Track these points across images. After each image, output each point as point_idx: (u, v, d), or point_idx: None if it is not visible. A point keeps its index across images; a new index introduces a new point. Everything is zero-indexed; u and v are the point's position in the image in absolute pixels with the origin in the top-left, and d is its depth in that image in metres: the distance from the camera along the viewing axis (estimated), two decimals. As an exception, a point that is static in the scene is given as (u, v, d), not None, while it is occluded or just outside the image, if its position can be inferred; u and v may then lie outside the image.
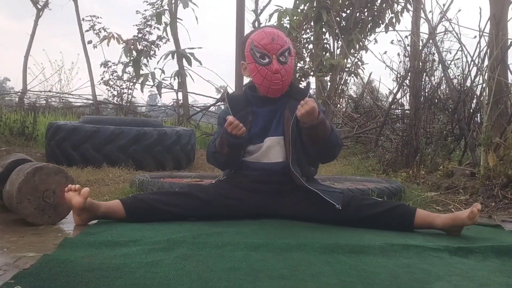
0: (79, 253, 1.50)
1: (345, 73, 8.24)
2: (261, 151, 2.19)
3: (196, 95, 9.02)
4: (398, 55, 4.85)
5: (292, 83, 2.29)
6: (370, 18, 8.05)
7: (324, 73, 7.64)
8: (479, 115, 4.12)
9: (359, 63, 8.30)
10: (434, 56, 4.56)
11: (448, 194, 3.08)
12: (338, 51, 8.02)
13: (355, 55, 8.24)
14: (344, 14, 8.10)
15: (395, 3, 7.98)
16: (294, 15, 7.43)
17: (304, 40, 8.32)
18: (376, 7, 8.03)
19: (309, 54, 8.29)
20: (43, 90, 10.93)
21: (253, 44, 2.17)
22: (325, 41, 8.05)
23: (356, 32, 7.80)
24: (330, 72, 7.72)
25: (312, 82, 8.06)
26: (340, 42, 7.85)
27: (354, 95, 9.54)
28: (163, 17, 8.11)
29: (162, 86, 8.22)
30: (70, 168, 4.04)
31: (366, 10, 8.08)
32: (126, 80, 8.83)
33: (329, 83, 7.96)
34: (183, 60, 8.13)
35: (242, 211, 2.15)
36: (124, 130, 4.33)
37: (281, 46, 2.15)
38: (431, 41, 4.53)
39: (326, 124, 2.06)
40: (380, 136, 5.42)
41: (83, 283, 1.22)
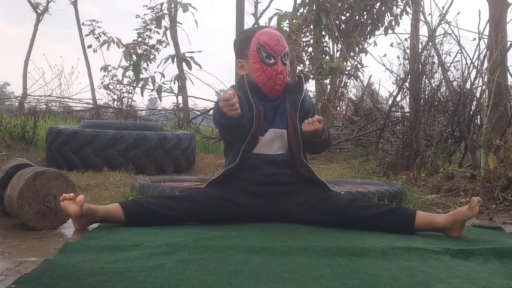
0: (80, 257, 1.50)
1: (345, 76, 8.25)
2: (264, 142, 2.20)
3: (196, 98, 9.04)
4: (398, 57, 4.86)
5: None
6: (369, 21, 8.07)
7: (324, 76, 7.66)
8: (479, 117, 4.12)
9: (359, 66, 8.32)
10: (433, 58, 4.56)
11: (449, 197, 3.08)
12: (337, 54, 8.04)
13: (355, 58, 8.25)
14: (343, 17, 8.12)
15: (394, 6, 8.00)
16: (293, 19, 7.45)
17: (304, 43, 8.34)
18: (375, 10, 8.05)
19: (308, 57, 8.31)
20: (43, 94, 10.94)
21: (259, 44, 2.19)
22: (324, 44, 8.06)
23: (356, 35, 7.81)
24: (330, 75, 7.74)
25: (311, 85, 8.09)
26: (339, 45, 7.87)
27: (354, 98, 9.55)
28: (163, 21, 8.12)
29: (162, 90, 8.21)
30: (71, 172, 4.04)
31: (365, 13, 8.10)
32: (126, 84, 8.83)
33: (329, 86, 7.97)
34: (183, 64, 8.13)
35: (243, 214, 2.16)
36: (124, 134, 4.32)
37: (284, 48, 2.24)
38: (431, 43, 4.54)
39: (325, 134, 2.22)
40: (380, 139, 5.41)
41: (85, 287, 1.22)
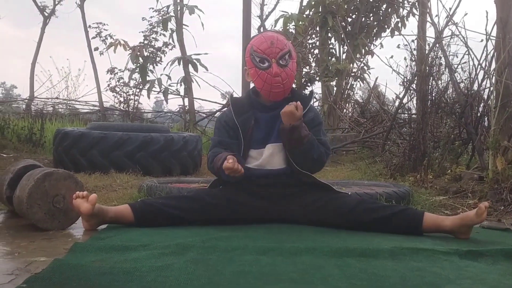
0: (90, 257, 1.51)
1: (351, 78, 8.25)
2: (264, 158, 2.20)
3: (202, 100, 9.03)
4: (405, 59, 4.83)
5: (294, 89, 2.30)
6: (375, 22, 8.06)
7: (330, 78, 7.65)
8: (486, 118, 4.10)
9: (365, 67, 8.31)
10: (440, 60, 4.55)
11: (457, 198, 3.06)
12: (344, 56, 8.04)
13: (361, 59, 8.24)
14: (349, 19, 8.11)
15: (401, 8, 7.98)
16: (299, 20, 7.46)
17: (310, 45, 8.34)
18: (381, 11, 8.04)
19: (315, 59, 8.31)
20: (50, 97, 11.00)
21: (252, 49, 2.19)
22: (331, 46, 8.07)
23: (362, 37, 7.81)
24: (336, 77, 7.74)
25: (318, 87, 8.10)
26: (346, 47, 7.86)
27: (360, 100, 9.53)
28: (169, 23, 8.15)
29: (169, 92, 8.23)
30: (78, 174, 4.05)
31: (371, 15, 8.09)
32: (132, 87, 8.86)
33: (335, 88, 7.97)
34: (189, 66, 8.16)
35: (250, 215, 2.16)
36: (131, 136, 4.34)
37: (280, 49, 2.17)
38: (438, 45, 4.52)
39: (301, 135, 2.08)
40: (387, 141, 5.40)
41: (95, 287, 1.23)
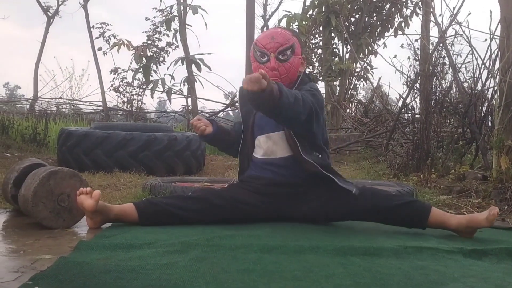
0: (95, 255, 1.51)
1: (354, 77, 8.25)
2: (266, 148, 2.22)
3: (206, 100, 9.04)
4: (408, 59, 4.82)
5: (300, 83, 2.23)
6: (379, 22, 8.06)
7: (333, 77, 7.66)
8: (490, 118, 4.09)
9: (368, 67, 8.31)
10: (444, 59, 4.54)
11: (460, 198, 3.06)
12: (347, 56, 8.04)
13: (364, 59, 8.24)
14: (353, 19, 8.12)
15: (404, 7, 7.98)
16: (303, 20, 7.47)
17: (313, 45, 8.34)
18: (385, 11, 8.04)
19: (318, 59, 8.31)
20: (54, 97, 11.04)
21: (255, 44, 2.25)
22: (334, 45, 8.07)
23: (365, 37, 7.81)
24: (339, 77, 7.74)
25: (321, 87, 8.09)
26: (349, 47, 7.87)
27: (364, 100, 9.53)
28: (173, 23, 8.17)
29: (172, 92, 8.26)
30: (82, 173, 3.99)
31: (375, 15, 8.09)
32: (136, 87, 8.88)
33: (338, 88, 7.97)
34: (193, 66, 8.18)
35: (255, 215, 2.16)
36: (135, 135, 4.34)
37: (280, 44, 2.16)
38: (441, 44, 4.52)
39: (273, 95, 1.80)
40: (391, 141, 5.40)
41: (100, 284, 1.24)
